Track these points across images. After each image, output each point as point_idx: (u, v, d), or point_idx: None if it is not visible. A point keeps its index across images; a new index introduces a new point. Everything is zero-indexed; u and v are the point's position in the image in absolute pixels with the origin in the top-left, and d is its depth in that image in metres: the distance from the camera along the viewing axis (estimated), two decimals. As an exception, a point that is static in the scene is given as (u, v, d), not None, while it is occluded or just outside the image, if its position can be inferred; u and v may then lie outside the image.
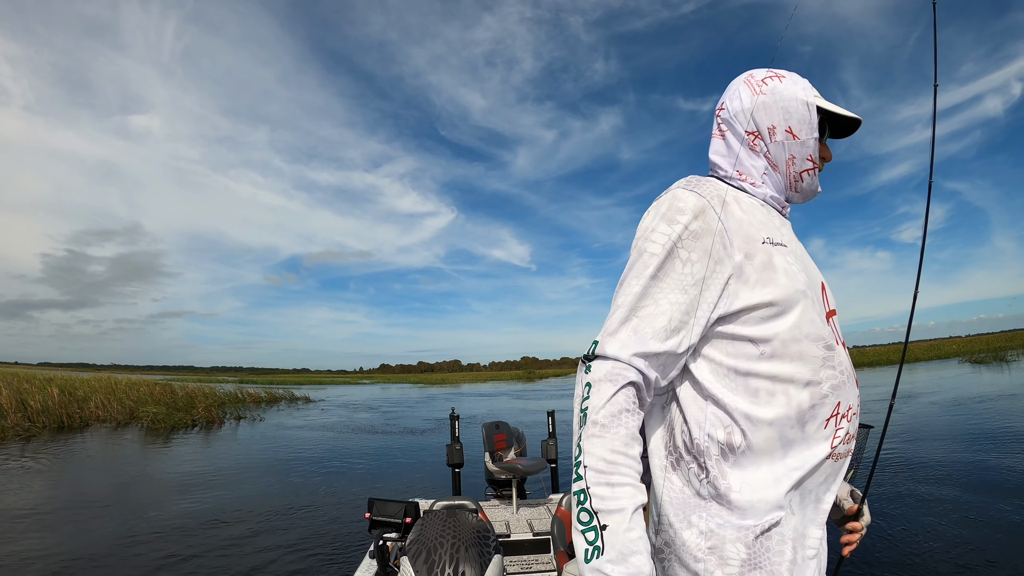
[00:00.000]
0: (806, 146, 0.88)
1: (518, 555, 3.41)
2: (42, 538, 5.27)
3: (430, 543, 2.02)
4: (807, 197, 0.95)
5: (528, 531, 3.63)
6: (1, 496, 6.93)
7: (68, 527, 5.65)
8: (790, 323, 0.78)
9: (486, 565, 1.99)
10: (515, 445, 4.97)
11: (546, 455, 4.73)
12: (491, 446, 4.61)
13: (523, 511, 4.17)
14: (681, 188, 0.83)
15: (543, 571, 3.19)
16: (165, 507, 6.53)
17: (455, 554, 1.96)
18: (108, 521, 5.88)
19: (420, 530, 2.11)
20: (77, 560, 4.67)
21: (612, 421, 0.71)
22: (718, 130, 0.95)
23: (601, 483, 0.69)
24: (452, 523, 2.11)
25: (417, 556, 1.98)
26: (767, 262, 0.79)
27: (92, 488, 7.53)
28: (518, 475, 4.29)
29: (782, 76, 0.90)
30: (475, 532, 2.09)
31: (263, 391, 26.79)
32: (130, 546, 5.04)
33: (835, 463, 0.83)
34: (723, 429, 0.78)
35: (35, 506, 6.48)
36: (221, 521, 5.92)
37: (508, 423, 4.96)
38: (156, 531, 5.53)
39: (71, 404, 15.44)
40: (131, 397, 17.44)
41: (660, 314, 0.76)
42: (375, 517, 2.50)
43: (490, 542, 2.10)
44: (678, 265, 0.77)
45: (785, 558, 0.76)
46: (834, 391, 0.80)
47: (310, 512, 6.32)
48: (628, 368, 0.74)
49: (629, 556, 0.66)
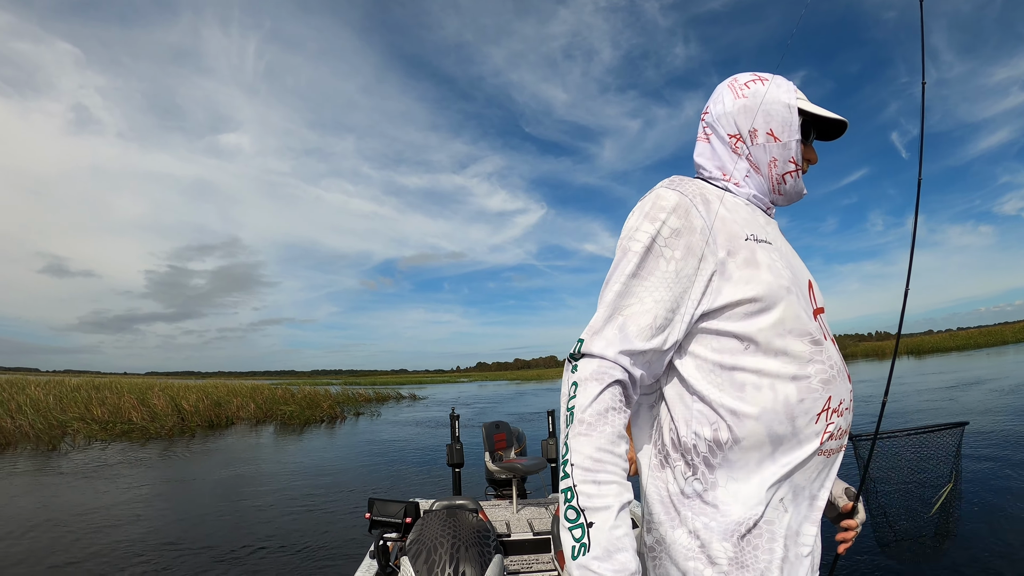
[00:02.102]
0: (788, 148, 0.89)
1: (518, 555, 3.42)
2: (224, 503, 7.11)
3: (430, 543, 2.02)
4: (792, 199, 0.96)
5: (528, 531, 3.64)
6: (194, 475, 9.20)
7: (231, 498, 7.41)
8: (775, 319, 0.79)
9: (486, 565, 1.99)
10: (515, 445, 4.98)
11: (546, 454, 4.73)
12: (491, 446, 4.62)
13: (523, 511, 4.18)
14: (664, 187, 0.84)
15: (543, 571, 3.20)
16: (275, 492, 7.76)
17: (455, 554, 1.97)
18: (230, 500, 7.29)
19: (420, 530, 2.12)
20: (229, 516, 6.41)
21: (598, 420, 0.72)
22: (703, 133, 0.96)
23: (588, 481, 0.70)
24: (452, 523, 2.12)
25: (417, 556, 1.99)
26: (750, 259, 0.80)
27: (241, 473, 9.37)
28: (518, 475, 4.29)
29: (765, 79, 0.91)
30: (475, 532, 2.10)
31: (371, 391, 29.26)
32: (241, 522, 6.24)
33: (826, 459, 0.83)
34: (709, 426, 0.79)
35: (215, 483, 8.45)
36: (325, 504, 6.93)
37: (508, 423, 4.97)
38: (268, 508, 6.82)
39: (217, 407, 17.68)
40: (260, 399, 19.47)
41: (645, 312, 0.77)
42: (375, 517, 2.51)
43: (490, 542, 2.11)
44: (662, 263, 0.78)
45: (776, 556, 0.77)
46: (824, 385, 0.81)
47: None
48: (614, 366, 0.75)
49: (615, 553, 0.67)
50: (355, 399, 25.11)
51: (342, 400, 23.49)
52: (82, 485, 8.22)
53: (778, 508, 0.79)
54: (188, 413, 16.38)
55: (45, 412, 14.32)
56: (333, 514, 6.38)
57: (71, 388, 17.65)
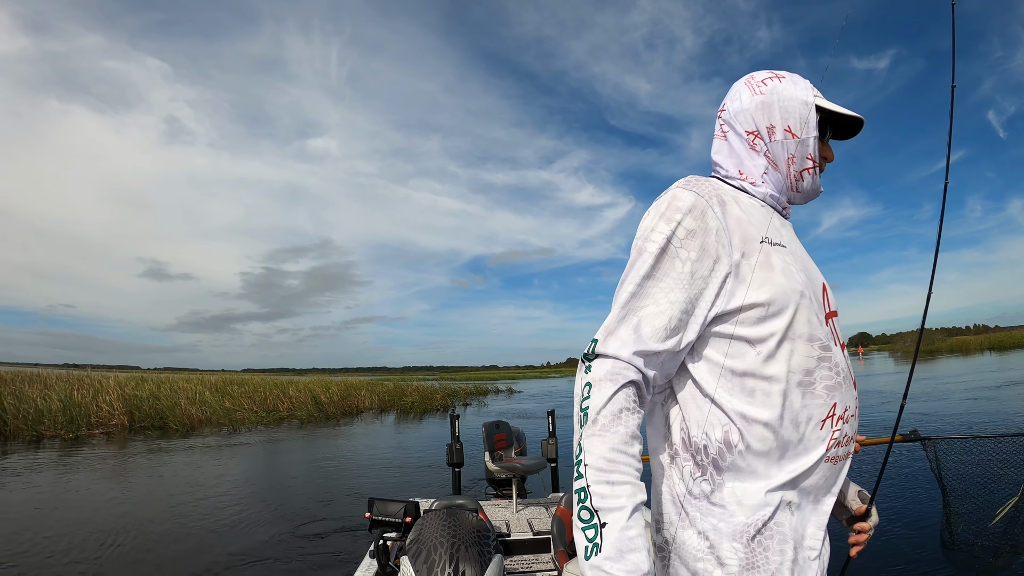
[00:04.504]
0: (806, 145, 0.89)
1: (518, 555, 3.41)
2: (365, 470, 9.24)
3: (430, 543, 2.01)
4: (808, 197, 0.95)
5: (528, 530, 3.63)
6: (345, 446, 12.14)
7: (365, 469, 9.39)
8: (786, 323, 0.79)
9: (486, 565, 1.99)
10: (515, 444, 4.97)
11: (546, 454, 4.73)
12: (491, 445, 4.61)
13: (523, 510, 4.17)
14: (680, 188, 0.83)
15: (543, 571, 3.19)
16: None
17: (455, 554, 1.96)
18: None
19: (420, 530, 2.11)
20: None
21: (613, 420, 0.71)
22: (720, 131, 0.96)
23: (601, 481, 0.69)
24: (452, 523, 2.11)
25: (417, 556, 1.98)
26: (764, 262, 0.80)
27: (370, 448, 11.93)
28: (518, 474, 4.29)
29: (782, 76, 0.91)
30: (475, 532, 2.09)
31: (472, 385, 33.59)
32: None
33: (833, 466, 0.83)
34: (720, 428, 0.79)
35: (356, 454, 10.89)
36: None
37: (508, 423, 4.96)
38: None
39: (346, 398, 20.98)
40: (380, 392, 22.95)
41: (660, 313, 0.76)
42: (375, 517, 2.50)
43: (490, 542, 2.10)
44: (677, 264, 0.78)
45: (787, 558, 0.76)
46: (830, 392, 0.81)
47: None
48: (628, 367, 0.74)
49: (627, 553, 0.66)
50: (459, 392, 28.57)
51: (449, 393, 26.70)
52: (269, 455, 11.04)
53: (785, 511, 0.79)
54: (325, 404, 19.51)
55: (212, 404, 17.02)
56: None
57: (210, 384, 19.87)
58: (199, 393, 17.40)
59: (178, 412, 15.35)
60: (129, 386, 16.53)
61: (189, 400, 16.43)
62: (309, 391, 20.10)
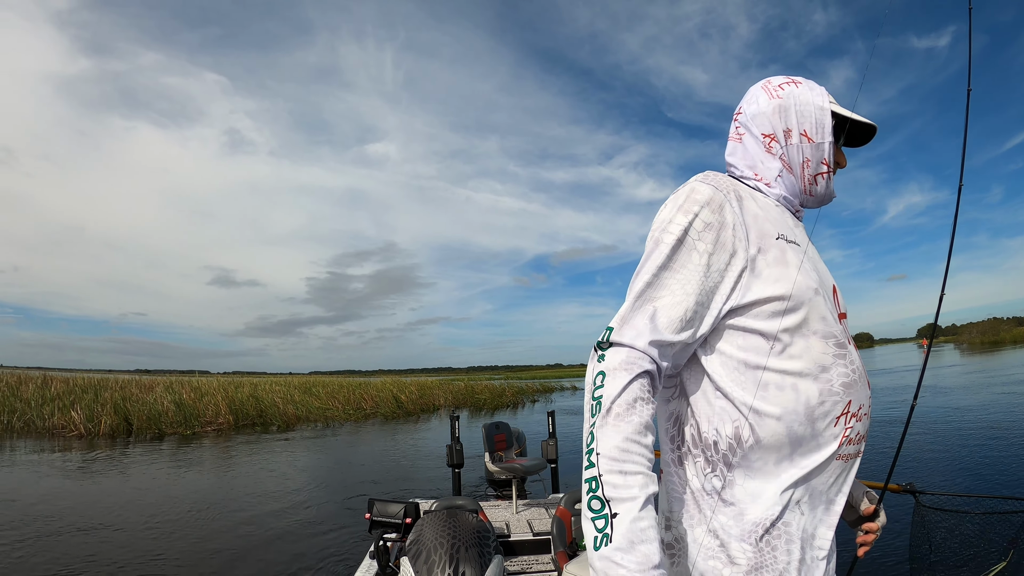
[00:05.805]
0: (821, 149, 0.90)
1: (518, 555, 3.41)
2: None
3: (430, 543, 2.01)
4: (822, 201, 0.97)
5: (528, 531, 3.63)
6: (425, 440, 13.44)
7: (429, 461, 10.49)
8: (801, 318, 0.79)
9: (486, 565, 1.98)
10: (515, 445, 4.97)
11: (546, 455, 4.72)
12: (491, 446, 4.61)
13: (523, 511, 4.16)
14: (699, 181, 0.84)
15: (543, 571, 3.19)
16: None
17: (455, 554, 1.96)
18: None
19: (420, 530, 2.11)
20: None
21: (627, 410, 0.71)
22: (735, 133, 0.97)
23: (614, 471, 0.69)
24: (452, 523, 2.11)
25: (417, 556, 1.98)
26: (780, 257, 0.81)
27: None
28: (518, 475, 4.28)
29: (799, 82, 0.93)
30: (475, 532, 2.09)
31: (538, 383, 35.93)
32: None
33: (844, 463, 0.82)
34: (731, 423, 0.78)
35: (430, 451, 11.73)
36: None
37: (508, 423, 4.96)
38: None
39: (423, 397, 22.87)
40: (453, 390, 25.14)
41: (676, 304, 0.76)
42: (375, 517, 2.50)
43: (490, 542, 2.10)
44: (694, 256, 0.78)
45: (794, 557, 0.76)
46: (846, 389, 0.81)
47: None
48: (643, 357, 0.74)
49: (638, 544, 0.65)
50: (526, 390, 30.93)
51: (518, 391, 29.22)
52: (366, 446, 12.76)
53: (795, 510, 0.78)
54: (404, 402, 21.54)
55: (303, 404, 18.86)
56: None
57: (298, 386, 22.05)
58: (290, 394, 19.27)
59: (276, 411, 17.17)
60: (230, 388, 18.49)
61: (284, 400, 18.31)
62: (389, 390, 22.37)
